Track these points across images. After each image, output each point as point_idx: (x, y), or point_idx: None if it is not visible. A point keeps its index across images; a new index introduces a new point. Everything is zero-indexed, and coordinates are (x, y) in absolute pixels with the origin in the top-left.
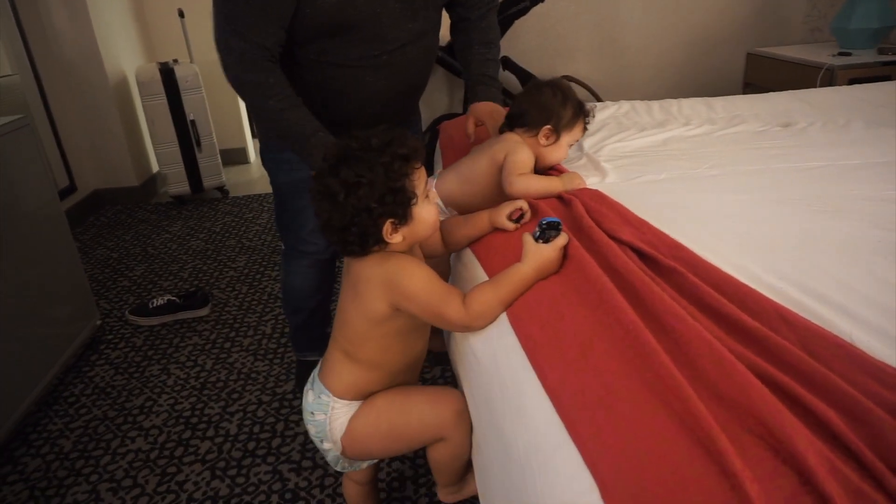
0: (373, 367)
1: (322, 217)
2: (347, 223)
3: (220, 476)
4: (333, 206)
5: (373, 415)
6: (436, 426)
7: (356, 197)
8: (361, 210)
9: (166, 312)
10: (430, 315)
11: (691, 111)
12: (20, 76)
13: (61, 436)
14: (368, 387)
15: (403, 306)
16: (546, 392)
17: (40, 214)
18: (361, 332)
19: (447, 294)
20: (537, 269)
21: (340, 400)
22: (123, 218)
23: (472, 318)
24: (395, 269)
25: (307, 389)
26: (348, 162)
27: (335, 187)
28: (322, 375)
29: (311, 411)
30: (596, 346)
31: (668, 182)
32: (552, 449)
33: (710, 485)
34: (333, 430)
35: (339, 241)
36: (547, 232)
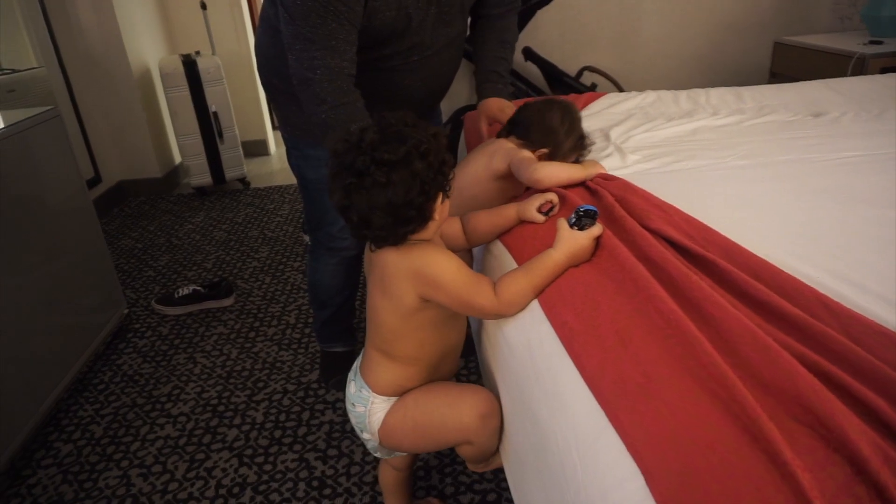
0: (410, 363)
1: (376, 196)
2: (414, 195)
3: (248, 463)
4: (401, 178)
5: (400, 413)
6: (458, 430)
7: (427, 163)
8: (432, 177)
9: (191, 302)
10: (460, 304)
11: (719, 101)
12: (47, 68)
13: (92, 422)
14: (408, 383)
15: (433, 296)
16: (584, 380)
17: (69, 205)
18: (395, 329)
19: (477, 282)
20: (570, 255)
21: (380, 396)
22: (147, 209)
23: (504, 305)
24: (422, 259)
25: (350, 380)
26: (400, 134)
27: (405, 154)
28: (363, 370)
29: (353, 402)
30: (634, 334)
31: (698, 171)
32: (593, 437)
33: (760, 473)
34: (372, 423)
35: (391, 223)
36: (583, 219)
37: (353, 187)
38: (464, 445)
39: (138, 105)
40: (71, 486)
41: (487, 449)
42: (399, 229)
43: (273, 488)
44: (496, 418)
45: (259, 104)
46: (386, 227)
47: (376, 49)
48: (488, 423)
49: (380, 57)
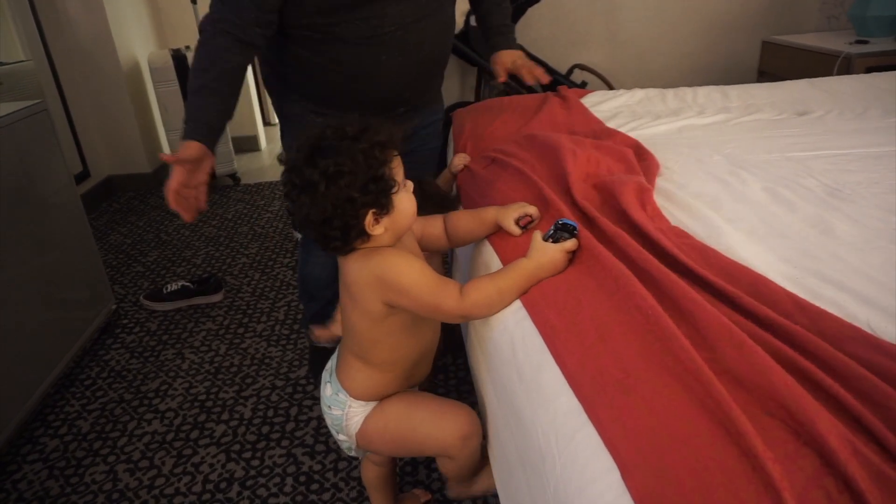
0: (387, 369)
1: (300, 212)
2: (329, 216)
3: (236, 459)
4: (313, 199)
5: (381, 422)
6: (439, 446)
7: (337, 187)
8: (344, 201)
9: (180, 298)
10: (425, 308)
11: (706, 99)
12: (35, 62)
13: (79, 417)
14: (385, 388)
15: (397, 302)
16: (565, 377)
17: (56, 199)
18: (368, 336)
19: (442, 285)
20: (538, 265)
21: (357, 401)
22: (136, 204)
23: (469, 306)
24: (382, 266)
25: (325, 382)
26: (325, 151)
27: (314, 177)
28: (339, 373)
29: (329, 405)
30: (614, 331)
31: (682, 170)
32: (572, 432)
33: (732, 465)
34: (349, 426)
35: (320, 237)
36: (559, 233)
37: (287, 198)
38: (444, 459)
39: (127, 100)
40: (57, 482)
41: (467, 467)
42: (329, 243)
43: (260, 483)
44: (477, 438)
45: (249, 100)
46: (320, 241)
47: (332, 14)
48: (469, 443)
49: (341, 27)
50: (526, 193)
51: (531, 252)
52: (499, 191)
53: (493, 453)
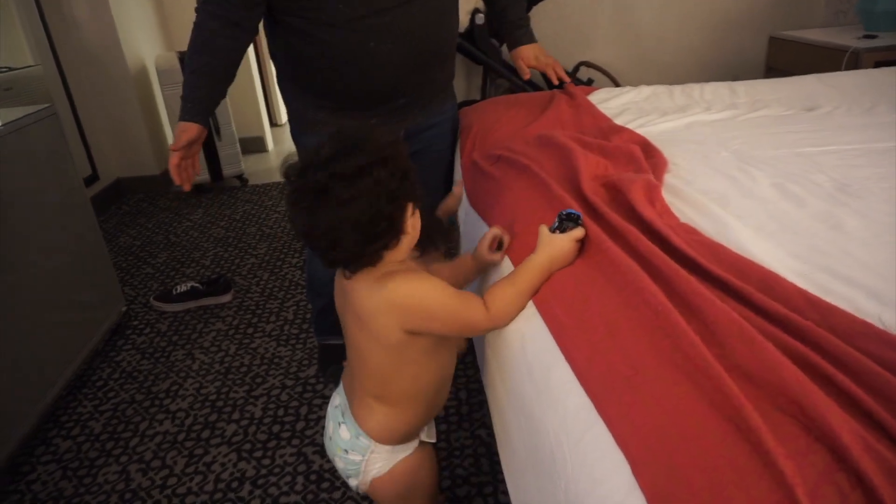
0: (408, 404)
1: (354, 210)
2: (377, 215)
3: (247, 458)
4: (368, 191)
5: (409, 475)
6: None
7: (389, 171)
8: (394, 187)
9: (190, 299)
10: (453, 328)
11: (713, 96)
12: (43, 66)
13: (91, 418)
14: (409, 427)
15: (422, 328)
16: (574, 374)
17: (66, 202)
18: (385, 369)
19: (466, 300)
20: (550, 258)
21: (382, 446)
22: (145, 206)
23: (497, 317)
24: (404, 290)
25: (338, 422)
26: (356, 145)
27: (366, 165)
28: (357, 415)
29: (346, 449)
30: (622, 327)
31: (690, 166)
32: (582, 430)
33: (743, 462)
34: (367, 472)
35: (364, 240)
36: (565, 223)
37: (315, 208)
38: None
39: (135, 102)
40: (70, 482)
41: None
42: (371, 246)
43: (272, 482)
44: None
45: (256, 101)
46: (357, 246)
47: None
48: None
49: (318, 4)
50: (532, 190)
51: (540, 246)
52: (505, 188)
53: (503, 453)
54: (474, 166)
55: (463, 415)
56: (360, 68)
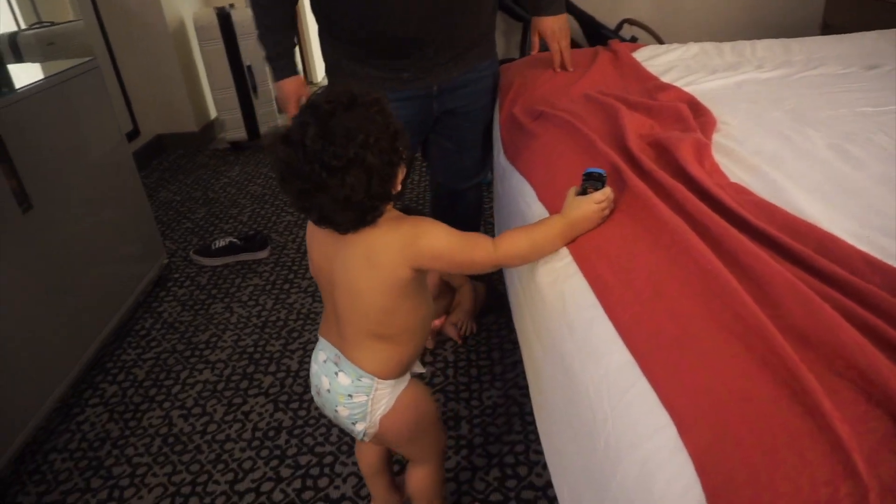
0: (407, 337)
1: (338, 193)
2: (371, 185)
3: (283, 409)
4: (357, 175)
5: (412, 397)
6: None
7: (378, 151)
8: (385, 165)
9: (228, 254)
10: (459, 265)
11: (766, 53)
12: (84, 22)
13: (135, 365)
14: (407, 359)
15: (429, 265)
16: (618, 332)
17: (109, 157)
18: (387, 307)
19: (471, 239)
20: (570, 222)
21: (385, 381)
22: (184, 162)
23: (502, 257)
24: (415, 232)
25: (332, 373)
26: (341, 128)
27: (351, 153)
28: (355, 359)
29: (349, 394)
30: (669, 286)
31: (740, 126)
32: (625, 388)
33: (797, 425)
34: (375, 410)
35: (360, 212)
36: (585, 183)
37: (308, 193)
38: (419, 472)
39: (174, 59)
40: (117, 424)
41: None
42: (366, 217)
43: (307, 433)
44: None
45: None
46: (352, 221)
47: None
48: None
49: None
50: (574, 146)
51: (564, 208)
52: (546, 144)
53: (538, 411)
54: (514, 121)
55: (496, 374)
56: (381, 13)
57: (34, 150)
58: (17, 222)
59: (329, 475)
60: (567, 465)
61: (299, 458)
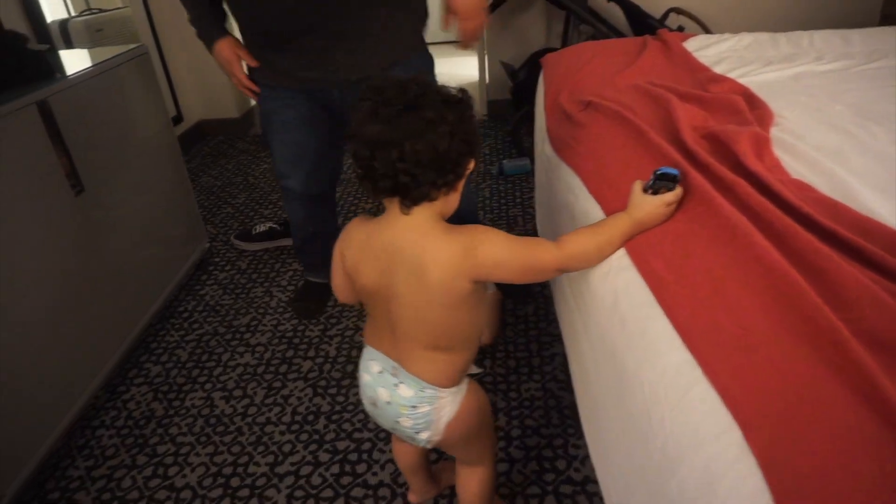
0: (467, 346)
1: (439, 133)
2: (450, 151)
3: (322, 394)
4: (458, 123)
5: (474, 399)
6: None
7: (472, 116)
8: (472, 133)
9: (267, 239)
10: (522, 273)
11: (824, 44)
12: (132, 9)
13: (178, 346)
14: (468, 364)
15: (490, 276)
16: (676, 330)
17: (156, 141)
18: (447, 322)
19: (532, 244)
20: (637, 222)
21: (447, 389)
22: (225, 148)
23: (569, 259)
24: (471, 242)
25: (394, 385)
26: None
27: (461, 100)
28: (415, 371)
29: (413, 405)
30: (730, 285)
31: (799, 120)
32: (684, 388)
33: (873, 433)
34: (440, 419)
35: (431, 171)
36: (658, 183)
37: (396, 119)
38: (476, 475)
39: None
40: (161, 404)
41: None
42: (437, 178)
43: (345, 418)
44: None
45: None
46: (424, 169)
47: None
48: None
49: None
50: (625, 138)
51: (630, 207)
52: (594, 134)
53: (581, 403)
54: (560, 111)
55: (534, 367)
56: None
57: (85, 135)
58: (69, 204)
59: (367, 461)
60: (616, 463)
61: (337, 443)
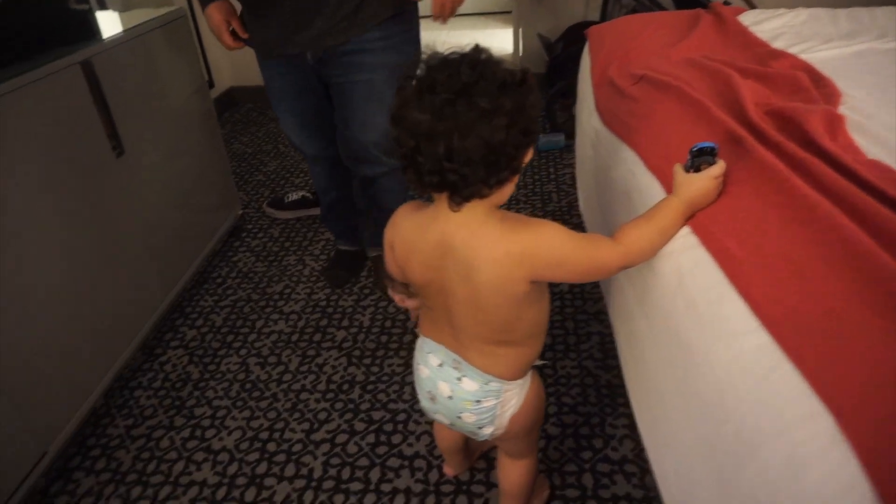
0: (534, 339)
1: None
2: (505, 143)
3: (356, 363)
4: (515, 111)
5: (535, 389)
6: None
7: (536, 100)
8: (532, 121)
9: (300, 207)
10: (584, 275)
11: (887, 21)
12: None
13: (212, 312)
14: (535, 357)
15: (548, 276)
16: (753, 311)
17: (192, 106)
18: (509, 319)
19: (593, 242)
20: (688, 202)
21: (513, 382)
22: (255, 116)
23: (632, 254)
24: (530, 241)
25: (457, 379)
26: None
27: (523, 81)
28: (479, 365)
29: (477, 399)
30: (812, 266)
31: (867, 99)
32: (765, 371)
33: None
34: (504, 412)
35: (482, 165)
36: (697, 160)
37: (444, 107)
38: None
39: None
40: (197, 367)
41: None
42: (490, 172)
43: (380, 389)
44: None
45: None
46: (474, 166)
47: None
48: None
49: None
50: (685, 113)
51: (677, 188)
52: (651, 109)
53: (633, 384)
54: (610, 85)
55: (570, 345)
56: None
57: (126, 97)
58: (111, 166)
59: (402, 432)
60: (675, 445)
61: (372, 413)
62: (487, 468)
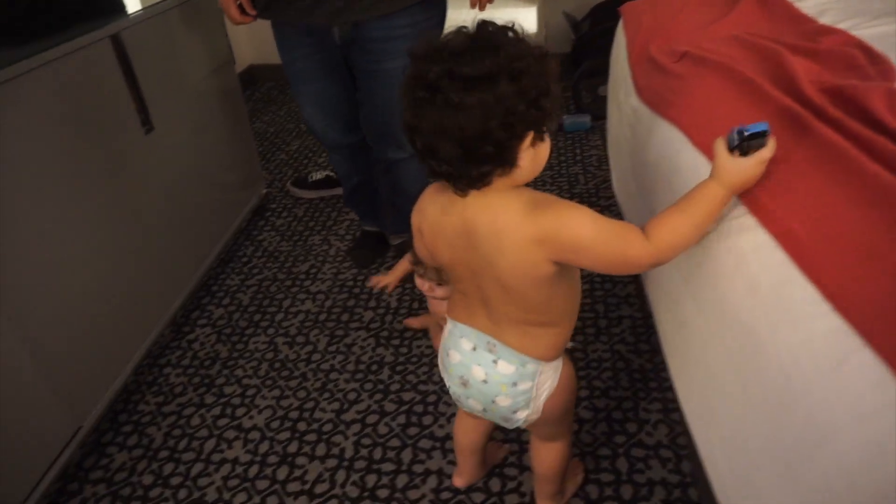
0: (566, 319)
1: (459, 120)
2: (483, 135)
3: (384, 344)
4: (482, 104)
5: (567, 370)
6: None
7: (516, 88)
8: (515, 109)
9: (324, 187)
10: (608, 266)
11: None
12: None
13: (239, 291)
14: (567, 338)
15: (572, 261)
16: (822, 294)
17: (217, 83)
18: (539, 300)
19: (623, 231)
20: (732, 188)
21: (549, 363)
22: (276, 94)
23: (662, 251)
24: (555, 224)
25: (493, 362)
26: (493, 43)
27: (493, 70)
28: (515, 346)
29: (514, 382)
30: (888, 248)
31: None
32: (840, 357)
33: None
34: (540, 395)
35: (464, 158)
36: (748, 143)
37: (423, 103)
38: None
39: None
40: (225, 346)
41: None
42: (470, 168)
43: (409, 370)
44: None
45: None
46: (453, 162)
47: None
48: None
49: None
50: (735, 90)
51: (719, 172)
52: (694, 85)
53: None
54: (650, 62)
55: (601, 328)
56: None
57: (154, 73)
58: (140, 143)
59: (433, 413)
60: (730, 433)
61: (402, 394)
62: (520, 451)
